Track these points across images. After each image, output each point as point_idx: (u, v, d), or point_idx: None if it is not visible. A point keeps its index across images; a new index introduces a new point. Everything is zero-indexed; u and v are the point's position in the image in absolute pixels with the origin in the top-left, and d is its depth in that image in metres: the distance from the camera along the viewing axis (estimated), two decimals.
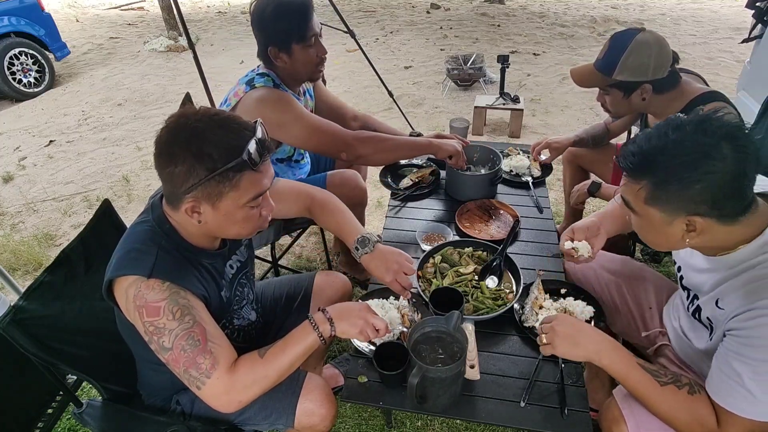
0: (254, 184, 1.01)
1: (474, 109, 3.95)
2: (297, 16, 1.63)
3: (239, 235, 1.12)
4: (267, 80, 1.70)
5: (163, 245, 1.04)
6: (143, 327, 0.99)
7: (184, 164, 0.94)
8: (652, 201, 0.94)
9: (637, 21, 7.29)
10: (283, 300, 1.54)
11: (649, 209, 0.95)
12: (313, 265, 2.63)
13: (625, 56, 1.54)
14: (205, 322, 1.02)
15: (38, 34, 5.45)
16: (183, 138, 0.95)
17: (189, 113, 0.98)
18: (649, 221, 0.97)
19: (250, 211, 1.04)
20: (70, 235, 3.03)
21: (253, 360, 1.02)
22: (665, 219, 0.94)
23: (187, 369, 0.98)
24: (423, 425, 1.77)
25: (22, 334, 1.08)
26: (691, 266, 1.15)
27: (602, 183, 1.88)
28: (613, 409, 1.11)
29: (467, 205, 1.86)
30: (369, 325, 1.10)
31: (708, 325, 1.10)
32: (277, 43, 1.66)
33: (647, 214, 0.96)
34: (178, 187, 0.97)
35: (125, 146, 4.17)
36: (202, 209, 1.00)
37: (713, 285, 1.05)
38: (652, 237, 1.02)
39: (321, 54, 1.73)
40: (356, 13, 8.40)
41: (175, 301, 0.99)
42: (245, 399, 1.00)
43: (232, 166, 0.95)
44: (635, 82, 1.57)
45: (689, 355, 1.22)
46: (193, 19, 8.54)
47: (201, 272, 1.10)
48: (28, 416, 1.57)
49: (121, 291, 1.01)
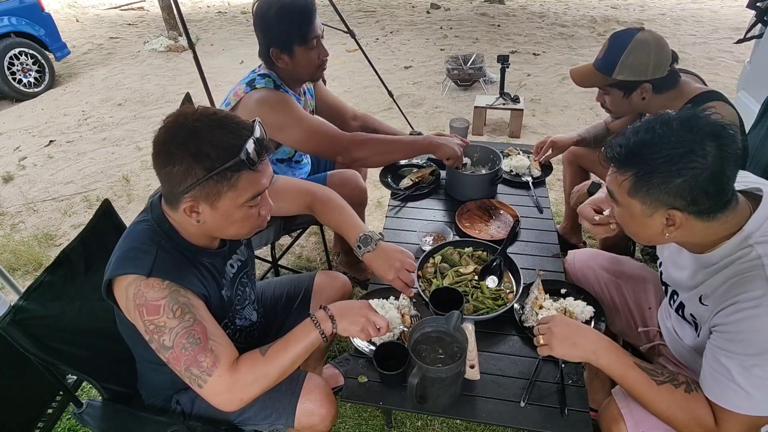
0: (252, 183, 1.01)
1: (474, 109, 3.95)
2: (300, 18, 1.63)
3: (238, 235, 1.12)
4: (268, 81, 1.70)
5: (162, 244, 1.04)
6: (143, 326, 0.99)
7: (182, 164, 0.94)
8: (634, 192, 0.95)
9: (637, 21, 7.29)
10: (283, 300, 1.54)
11: (631, 201, 0.97)
12: (313, 265, 2.63)
13: (624, 56, 1.54)
14: (205, 320, 1.01)
15: (38, 34, 5.45)
16: (181, 138, 0.95)
17: (187, 113, 0.98)
18: (631, 213, 0.99)
19: (249, 210, 1.04)
20: (70, 235, 3.03)
21: (255, 358, 1.02)
22: (646, 211, 0.96)
23: (188, 367, 0.97)
24: (423, 425, 1.77)
25: (22, 334, 1.08)
26: (675, 263, 1.17)
27: (602, 183, 1.88)
28: (612, 409, 1.11)
29: (467, 205, 1.86)
30: (370, 323, 1.10)
31: (692, 321, 1.11)
32: (279, 44, 1.66)
33: (629, 205, 0.98)
34: (176, 186, 0.97)
35: (125, 146, 4.17)
36: (201, 209, 1.00)
37: (697, 282, 1.06)
38: (634, 229, 1.03)
39: (323, 56, 1.74)
40: (356, 13, 8.40)
41: (175, 299, 0.99)
42: (247, 397, 1.00)
43: (230, 166, 0.95)
44: (635, 82, 1.57)
45: (682, 353, 1.23)
46: (193, 19, 8.54)
47: (201, 271, 1.10)
48: (28, 416, 1.57)
49: (121, 290, 1.01)
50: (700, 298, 1.05)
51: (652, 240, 1.03)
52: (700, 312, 1.06)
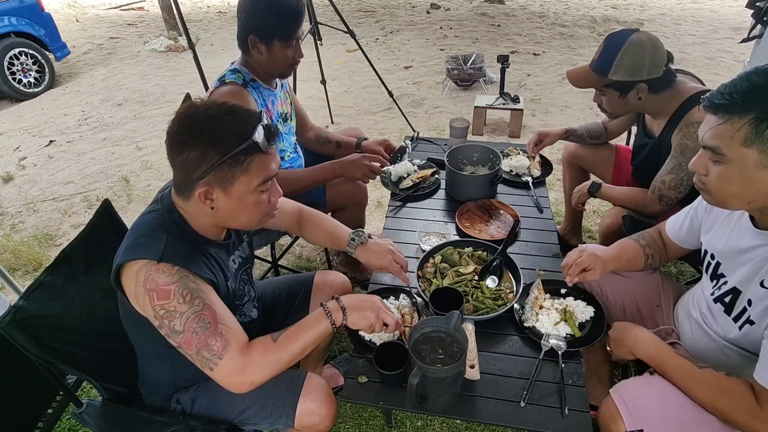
0: (263, 168, 1.04)
1: (474, 109, 3.95)
2: (287, 17, 1.67)
3: (249, 223, 1.14)
4: (237, 77, 1.74)
5: (172, 232, 1.07)
6: (153, 311, 1.00)
7: (197, 150, 0.98)
8: (751, 141, 0.90)
9: (637, 21, 7.29)
10: (282, 299, 1.55)
11: (746, 151, 0.91)
12: (313, 265, 2.63)
13: (620, 56, 1.55)
14: (215, 305, 1.04)
15: (38, 34, 5.44)
16: (196, 125, 0.99)
17: (198, 104, 1.03)
18: (742, 167, 0.93)
19: (260, 196, 1.08)
20: (70, 235, 3.03)
21: (267, 344, 1.05)
22: (762, 161, 0.90)
23: (199, 351, 1.00)
24: (423, 425, 1.77)
25: (22, 334, 1.08)
26: (734, 249, 1.12)
27: (602, 183, 1.88)
28: (610, 407, 1.12)
29: (467, 205, 1.86)
30: (379, 320, 1.14)
31: (742, 311, 1.08)
32: (259, 33, 1.69)
33: (741, 157, 0.92)
34: (191, 174, 1.00)
35: (125, 146, 4.17)
36: (215, 195, 1.03)
37: (761, 262, 1.02)
38: (738, 187, 0.96)
39: (297, 56, 1.78)
40: (356, 13, 8.40)
41: (185, 284, 1.01)
42: (258, 380, 1.02)
43: (243, 149, 0.99)
44: (631, 82, 1.58)
45: (709, 347, 1.20)
46: (193, 19, 8.54)
47: (209, 260, 1.12)
48: (28, 416, 1.57)
49: (131, 275, 1.03)
50: (762, 282, 1.01)
51: (756, 201, 0.97)
52: (758, 296, 1.02)
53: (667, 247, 1.39)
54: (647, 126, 1.80)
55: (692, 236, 1.31)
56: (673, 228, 1.35)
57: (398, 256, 1.42)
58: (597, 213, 2.89)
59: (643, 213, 1.73)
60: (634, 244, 1.38)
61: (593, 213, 2.90)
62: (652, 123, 1.76)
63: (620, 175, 2.10)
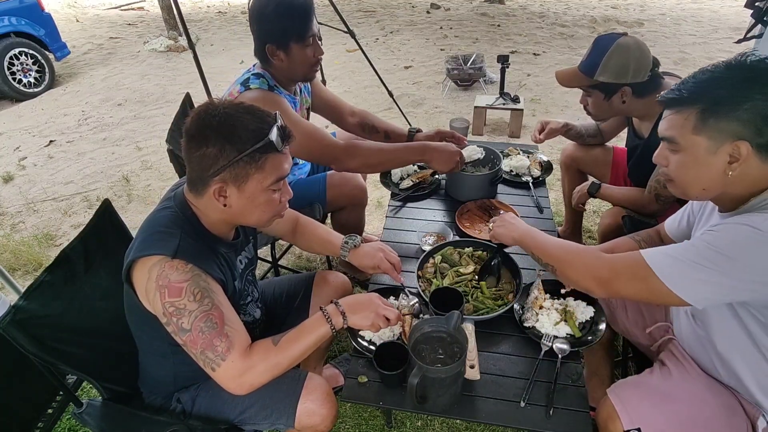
0: (277, 167, 1.07)
1: (474, 109, 3.95)
2: (298, 16, 1.64)
3: (260, 221, 1.15)
4: (262, 82, 1.70)
5: (186, 229, 1.08)
6: (162, 308, 1.01)
7: (216, 146, 1.00)
8: (699, 129, 0.96)
9: (637, 21, 7.29)
10: (283, 299, 1.55)
11: (696, 138, 0.97)
12: (313, 265, 2.63)
13: (606, 58, 1.59)
14: (223, 306, 1.05)
15: (38, 34, 5.45)
16: (215, 122, 1.01)
17: (215, 103, 1.05)
18: (693, 154, 0.98)
19: (272, 195, 1.10)
20: (70, 235, 3.03)
21: (268, 347, 1.06)
22: (711, 148, 0.96)
23: (204, 350, 1.01)
24: (423, 425, 1.77)
25: (22, 334, 1.08)
26: None
27: (602, 184, 1.89)
28: (608, 407, 1.12)
29: (467, 205, 1.86)
30: (380, 317, 1.15)
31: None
32: (275, 41, 1.66)
33: (693, 145, 0.98)
34: (207, 169, 1.02)
35: (125, 146, 4.17)
36: (229, 192, 1.05)
37: None
38: (693, 174, 1.01)
39: (318, 54, 1.74)
40: (356, 13, 8.40)
41: (197, 283, 1.02)
42: (257, 383, 1.03)
43: (260, 147, 1.02)
44: (615, 85, 1.61)
45: (701, 338, 1.20)
46: (193, 19, 8.54)
47: (219, 259, 1.14)
48: (28, 416, 1.57)
49: (143, 271, 1.03)
50: None
51: (710, 186, 1.01)
52: None
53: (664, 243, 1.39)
54: (636, 128, 1.83)
55: (689, 232, 1.32)
56: (672, 225, 1.37)
57: (389, 254, 1.44)
58: (597, 213, 2.89)
59: (641, 212, 1.73)
60: (629, 240, 1.40)
61: (593, 213, 2.90)
62: (640, 125, 1.80)
63: (618, 177, 2.10)
